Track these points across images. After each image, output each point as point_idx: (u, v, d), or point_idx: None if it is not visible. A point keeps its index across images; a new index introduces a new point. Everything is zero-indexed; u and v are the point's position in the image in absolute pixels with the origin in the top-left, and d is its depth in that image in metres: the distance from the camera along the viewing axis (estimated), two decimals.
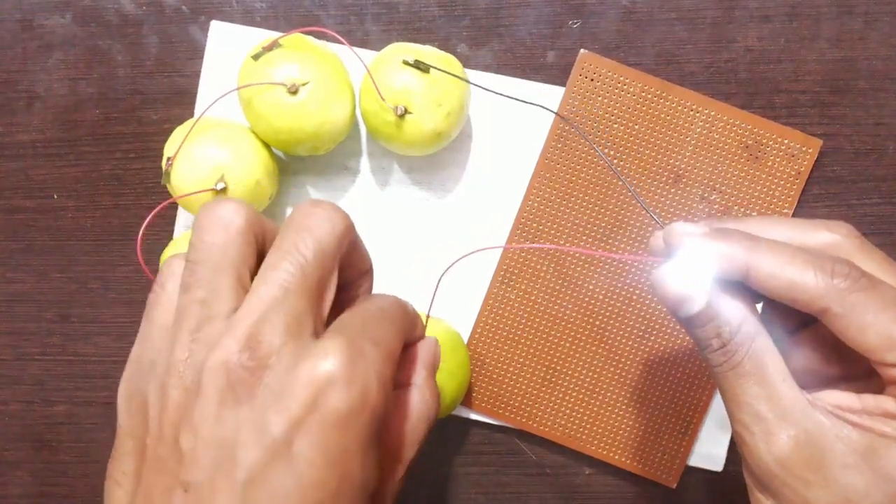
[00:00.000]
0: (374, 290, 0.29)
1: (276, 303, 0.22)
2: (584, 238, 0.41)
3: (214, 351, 0.22)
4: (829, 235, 0.26)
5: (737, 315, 0.25)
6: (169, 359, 0.23)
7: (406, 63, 0.37)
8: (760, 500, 0.26)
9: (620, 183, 0.41)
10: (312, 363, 0.21)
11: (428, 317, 0.34)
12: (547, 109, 0.35)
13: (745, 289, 0.26)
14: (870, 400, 0.25)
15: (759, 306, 0.28)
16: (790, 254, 0.25)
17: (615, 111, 0.41)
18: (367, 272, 0.28)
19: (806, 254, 0.25)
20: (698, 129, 0.40)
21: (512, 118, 0.41)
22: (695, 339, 0.26)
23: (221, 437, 0.21)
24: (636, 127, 0.41)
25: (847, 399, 0.25)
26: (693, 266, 0.26)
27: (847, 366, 0.27)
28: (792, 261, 0.25)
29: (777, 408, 0.24)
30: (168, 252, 0.39)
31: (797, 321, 0.28)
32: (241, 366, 0.21)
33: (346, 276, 0.26)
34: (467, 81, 0.38)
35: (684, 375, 0.41)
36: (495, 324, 0.42)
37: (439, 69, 0.37)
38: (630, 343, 0.42)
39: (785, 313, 0.28)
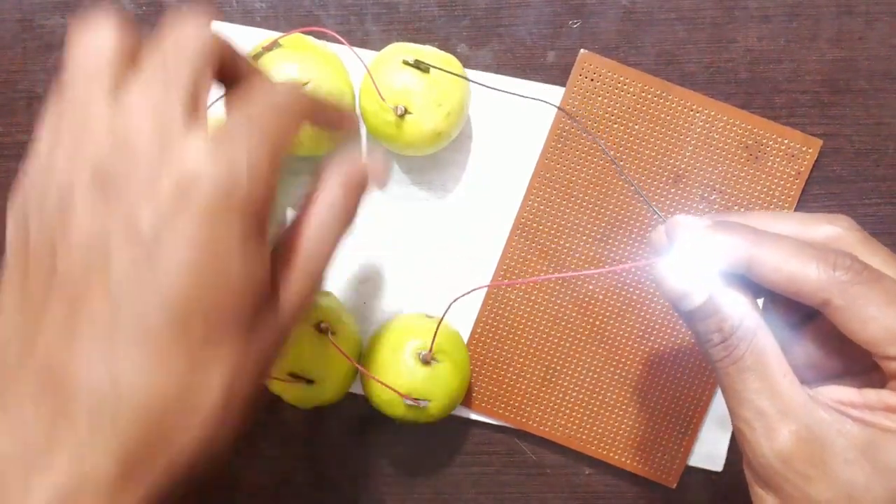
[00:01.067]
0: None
1: (144, 102, 0.22)
2: (585, 237, 0.41)
3: (83, 151, 0.22)
4: (830, 229, 0.26)
5: (738, 309, 0.25)
6: (47, 163, 0.23)
7: (406, 63, 0.37)
8: (761, 496, 0.26)
9: (621, 180, 0.41)
10: (178, 155, 0.22)
11: (437, 328, 0.35)
12: (548, 103, 0.35)
13: (747, 283, 0.26)
14: (871, 394, 0.25)
15: (760, 302, 0.28)
16: (792, 247, 0.25)
17: (615, 111, 0.41)
18: (250, 70, 0.27)
19: (808, 247, 0.25)
20: (698, 129, 0.40)
21: (512, 118, 0.41)
22: (696, 333, 0.26)
23: (93, 235, 0.21)
24: (636, 127, 0.41)
25: (848, 394, 0.25)
26: (695, 259, 0.26)
27: (848, 360, 0.27)
28: (794, 254, 0.25)
29: (778, 403, 0.24)
30: None
31: (799, 316, 0.28)
32: (111, 165, 0.22)
33: (229, 75, 0.26)
34: (468, 80, 0.38)
35: (684, 375, 0.41)
36: (495, 324, 0.42)
37: (439, 69, 0.37)
38: (630, 343, 0.41)
39: (786, 308, 0.28)
